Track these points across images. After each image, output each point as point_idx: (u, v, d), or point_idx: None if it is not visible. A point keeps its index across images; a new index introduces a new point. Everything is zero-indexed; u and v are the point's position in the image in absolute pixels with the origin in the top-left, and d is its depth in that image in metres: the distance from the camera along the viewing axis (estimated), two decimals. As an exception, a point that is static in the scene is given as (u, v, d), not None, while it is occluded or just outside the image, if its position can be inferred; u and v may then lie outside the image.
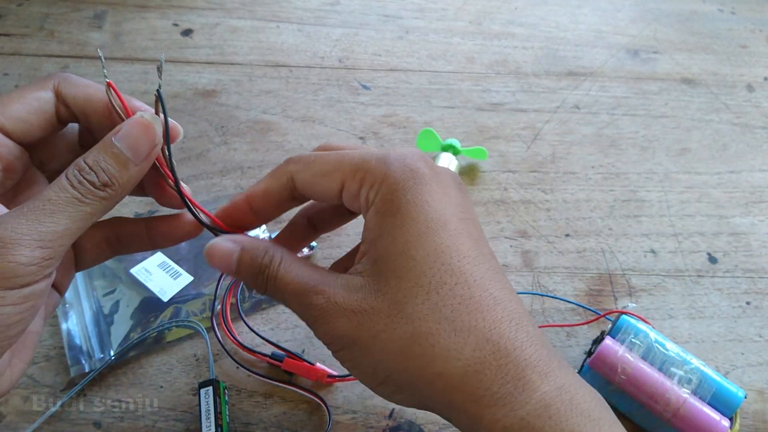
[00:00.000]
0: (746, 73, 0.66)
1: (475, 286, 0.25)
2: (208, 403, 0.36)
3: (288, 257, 0.27)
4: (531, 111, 0.59)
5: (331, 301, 0.25)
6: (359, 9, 0.68)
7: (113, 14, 0.63)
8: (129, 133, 0.25)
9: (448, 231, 0.25)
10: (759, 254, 0.49)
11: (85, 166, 0.25)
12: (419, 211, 0.25)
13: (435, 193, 0.26)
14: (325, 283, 0.26)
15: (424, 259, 0.25)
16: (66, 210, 0.24)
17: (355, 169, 0.27)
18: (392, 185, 0.26)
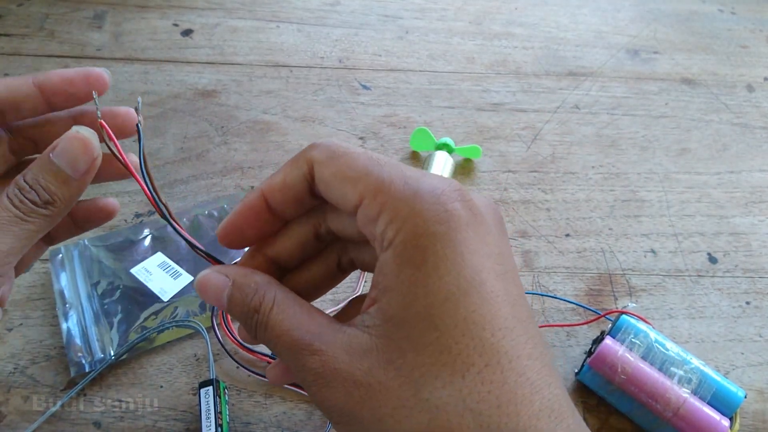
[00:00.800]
0: (746, 73, 0.66)
1: (510, 370, 0.20)
2: (208, 403, 0.36)
3: (283, 300, 0.23)
4: (531, 111, 0.59)
5: (328, 367, 0.21)
6: (359, 9, 0.68)
7: (113, 14, 0.63)
8: (66, 149, 0.24)
9: (483, 294, 0.20)
10: (759, 254, 0.49)
11: (25, 185, 0.24)
12: (450, 267, 0.20)
13: (471, 243, 0.21)
14: (323, 340, 0.22)
15: (450, 330, 0.20)
16: (10, 230, 0.23)
17: (378, 188, 0.21)
18: (420, 227, 0.20)
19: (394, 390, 0.20)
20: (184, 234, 0.26)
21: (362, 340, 0.21)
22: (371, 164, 0.22)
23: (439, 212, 0.21)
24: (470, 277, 0.20)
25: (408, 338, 0.20)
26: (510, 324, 0.20)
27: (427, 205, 0.21)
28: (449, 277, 0.20)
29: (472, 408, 0.19)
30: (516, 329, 0.20)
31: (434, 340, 0.20)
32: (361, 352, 0.21)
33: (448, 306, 0.20)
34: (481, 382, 0.19)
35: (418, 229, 0.21)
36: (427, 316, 0.20)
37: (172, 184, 0.50)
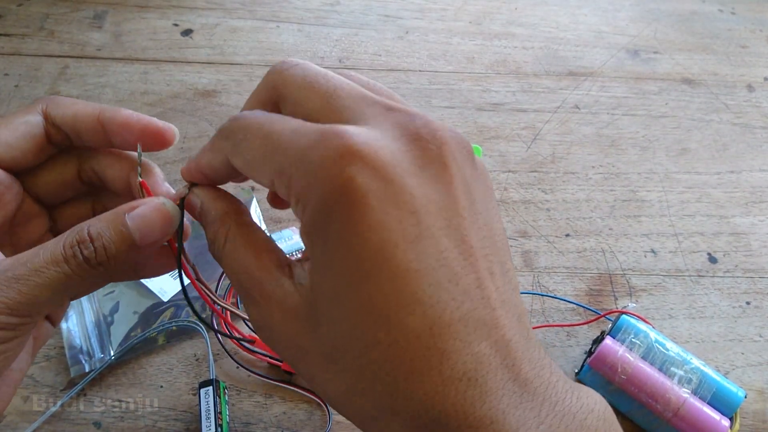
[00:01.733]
0: (746, 73, 0.66)
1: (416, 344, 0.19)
2: (208, 403, 0.36)
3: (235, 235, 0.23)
4: (531, 111, 0.59)
5: (266, 322, 0.22)
6: (359, 9, 0.68)
7: (113, 14, 0.63)
8: (145, 215, 0.24)
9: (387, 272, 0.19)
10: (759, 254, 0.49)
11: (87, 239, 0.23)
12: (350, 248, 0.19)
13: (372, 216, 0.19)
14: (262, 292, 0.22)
15: (355, 310, 0.20)
16: (52, 285, 0.23)
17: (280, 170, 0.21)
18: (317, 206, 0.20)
19: (315, 357, 0.21)
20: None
21: (294, 300, 0.21)
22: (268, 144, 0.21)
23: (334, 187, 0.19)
24: (371, 256, 0.19)
25: (321, 312, 0.21)
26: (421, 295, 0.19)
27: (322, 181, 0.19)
28: (350, 259, 0.19)
29: (382, 379, 0.20)
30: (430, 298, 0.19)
31: (343, 318, 0.20)
32: (291, 314, 0.21)
33: (351, 288, 0.20)
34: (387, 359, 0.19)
35: (317, 207, 0.20)
36: (334, 296, 0.20)
37: (172, 185, 0.49)
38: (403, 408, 0.20)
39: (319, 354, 0.21)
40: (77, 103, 0.26)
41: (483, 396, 0.19)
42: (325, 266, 0.20)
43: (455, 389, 0.19)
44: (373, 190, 0.19)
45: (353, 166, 0.19)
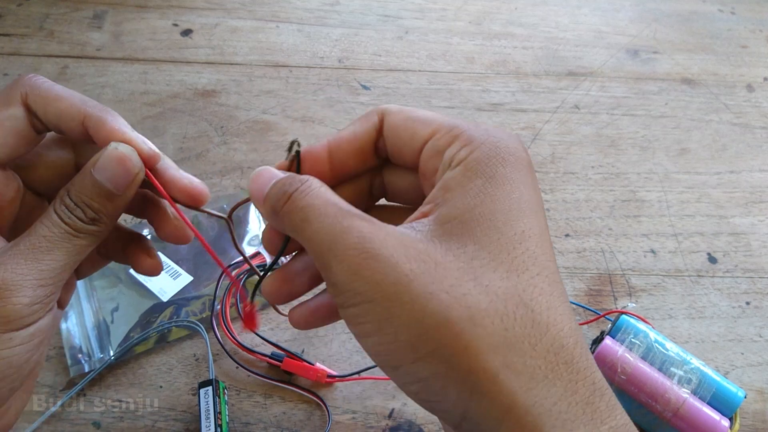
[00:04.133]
0: (746, 73, 0.66)
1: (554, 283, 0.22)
2: (207, 403, 0.36)
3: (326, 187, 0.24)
4: (531, 111, 0.59)
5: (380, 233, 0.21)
6: (359, 9, 0.68)
7: (113, 14, 0.63)
8: (106, 166, 0.25)
9: (538, 219, 0.23)
10: (759, 254, 0.49)
11: (71, 203, 0.24)
12: (515, 188, 0.23)
13: (529, 179, 0.24)
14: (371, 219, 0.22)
15: (511, 236, 0.22)
16: (62, 246, 0.24)
17: (452, 126, 0.24)
18: (492, 151, 0.23)
19: (452, 271, 0.21)
20: None
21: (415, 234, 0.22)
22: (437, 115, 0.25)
23: (510, 147, 0.24)
24: (531, 202, 0.23)
25: (470, 233, 0.22)
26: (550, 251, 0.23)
27: (499, 140, 0.24)
28: (515, 195, 0.23)
29: (526, 303, 0.21)
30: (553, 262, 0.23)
31: (495, 240, 0.22)
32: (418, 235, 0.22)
33: (511, 216, 0.22)
34: (533, 285, 0.21)
35: (490, 151, 0.23)
36: (492, 219, 0.22)
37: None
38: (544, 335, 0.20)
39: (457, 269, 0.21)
40: (61, 98, 0.26)
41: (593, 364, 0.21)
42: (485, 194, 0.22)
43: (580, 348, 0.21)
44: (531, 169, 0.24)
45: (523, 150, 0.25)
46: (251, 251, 0.45)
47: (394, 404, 0.39)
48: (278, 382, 0.39)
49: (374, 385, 0.40)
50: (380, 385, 0.40)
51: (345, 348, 0.41)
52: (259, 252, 0.44)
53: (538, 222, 0.23)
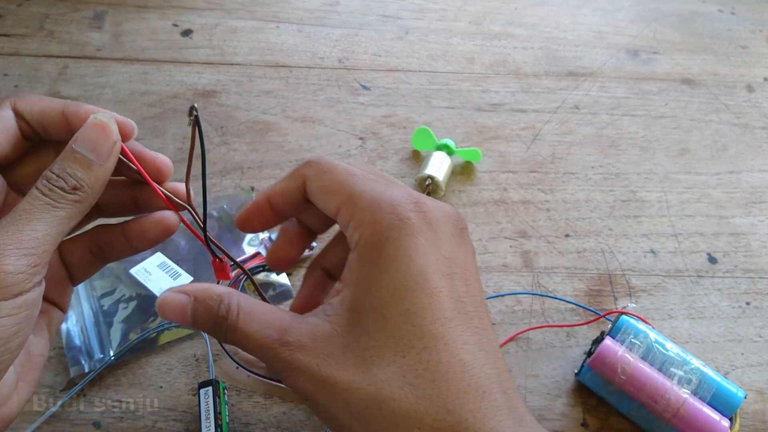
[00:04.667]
0: (746, 73, 0.66)
1: (444, 351, 0.23)
2: (207, 404, 0.36)
3: (246, 305, 0.26)
4: (531, 111, 0.59)
5: (296, 356, 0.25)
6: (359, 9, 0.68)
7: (113, 14, 0.63)
8: (87, 137, 0.25)
9: (426, 290, 0.24)
10: (759, 254, 0.49)
11: (53, 175, 0.25)
12: (398, 266, 0.24)
13: (421, 247, 0.25)
14: (290, 333, 0.25)
15: (395, 318, 0.24)
16: (42, 217, 0.24)
17: (350, 200, 0.26)
18: (376, 233, 0.25)
19: (349, 369, 0.24)
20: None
21: (324, 328, 0.25)
22: (348, 179, 0.27)
23: (394, 220, 0.25)
24: (416, 275, 0.24)
25: (362, 325, 0.24)
26: (449, 314, 0.24)
27: (385, 214, 0.25)
28: (398, 275, 0.24)
29: (410, 382, 0.23)
30: (455, 319, 0.24)
31: (382, 327, 0.24)
32: (324, 338, 0.25)
33: (395, 300, 0.24)
34: (418, 361, 0.23)
35: (374, 234, 0.25)
36: (378, 306, 0.24)
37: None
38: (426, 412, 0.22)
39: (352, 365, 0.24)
40: (43, 99, 0.27)
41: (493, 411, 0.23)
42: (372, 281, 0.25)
43: (472, 398, 0.23)
44: (423, 232, 0.25)
45: (413, 212, 0.25)
46: (251, 251, 0.45)
47: (394, 404, 0.39)
48: (278, 383, 0.39)
49: (374, 386, 0.39)
50: (380, 386, 0.40)
51: (345, 348, 0.41)
52: (259, 252, 0.44)
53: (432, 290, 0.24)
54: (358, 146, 0.54)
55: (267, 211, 0.30)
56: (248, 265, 0.43)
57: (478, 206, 0.51)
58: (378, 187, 0.26)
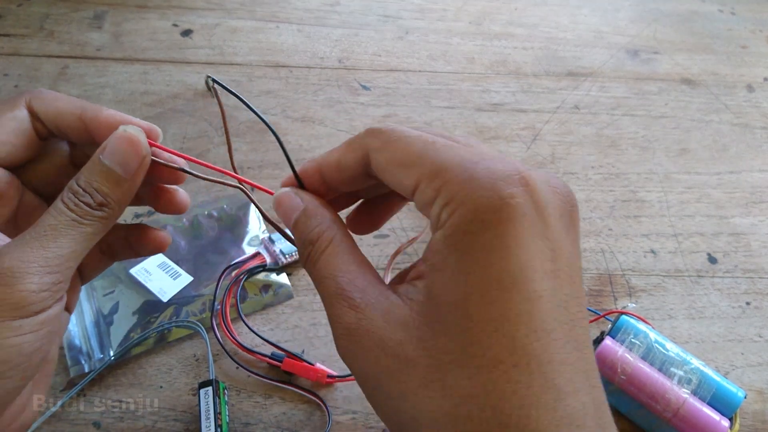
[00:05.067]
0: (746, 73, 0.66)
1: (537, 374, 0.19)
2: (207, 404, 0.36)
3: (340, 243, 0.24)
4: (531, 111, 0.59)
5: (362, 326, 0.21)
6: (359, 9, 0.68)
7: (113, 14, 0.63)
8: (115, 149, 0.25)
9: (524, 292, 0.20)
10: (759, 254, 0.49)
11: (79, 189, 0.24)
12: (494, 259, 0.20)
13: (524, 236, 0.20)
14: (364, 298, 0.22)
15: (484, 324, 0.20)
16: (68, 233, 0.24)
17: (434, 172, 0.22)
18: (470, 214, 0.20)
19: (421, 369, 0.20)
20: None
21: (402, 311, 0.21)
22: (426, 148, 0.23)
23: (493, 199, 0.20)
24: (514, 272, 0.20)
25: (442, 322, 0.20)
26: (549, 326, 0.20)
27: (482, 191, 0.20)
28: (492, 270, 0.20)
29: (493, 405, 0.19)
30: (555, 332, 0.20)
31: (466, 330, 0.20)
32: (397, 322, 0.21)
33: (486, 300, 0.20)
34: (506, 381, 0.19)
35: (469, 214, 0.20)
36: (463, 305, 0.20)
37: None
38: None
39: (423, 366, 0.20)
40: (59, 98, 0.27)
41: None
42: (460, 272, 0.20)
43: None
44: (528, 216, 0.20)
45: (518, 188, 0.20)
46: (251, 251, 0.45)
47: (394, 404, 0.39)
48: (278, 383, 0.39)
49: (374, 386, 0.40)
50: (380, 386, 0.40)
51: (345, 348, 0.41)
52: (258, 252, 0.44)
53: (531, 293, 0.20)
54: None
55: (317, 182, 0.26)
56: (248, 265, 0.43)
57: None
58: (470, 156, 0.22)
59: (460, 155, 0.22)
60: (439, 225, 0.21)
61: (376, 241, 0.47)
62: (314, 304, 0.43)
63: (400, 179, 0.23)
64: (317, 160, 0.26)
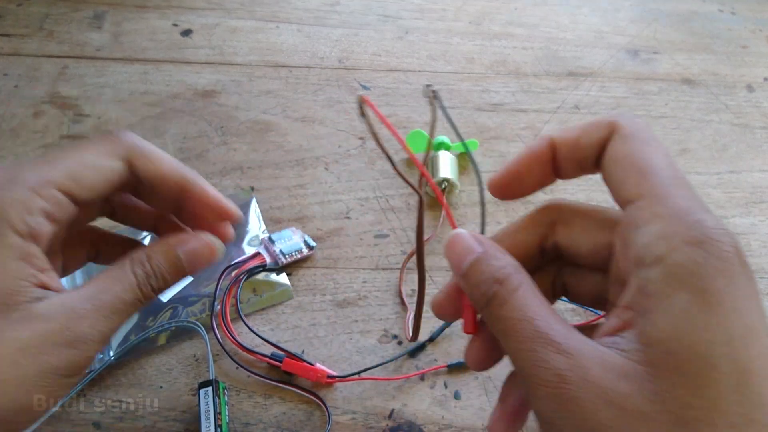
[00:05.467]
0: (746, 73, 0.66)
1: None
2: (207, 404, 0.36)
3: (529, 288, 0.22)
4: (531, 111, 0.59)
5: (578, 374, 0.19)
6: (359, 9, 0.68)
7: (113, 14, 0.63)
8: (195, 252, 0.28)
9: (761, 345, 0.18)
10: (759, 254, 0.49)
11: (150, 271, 0.27)
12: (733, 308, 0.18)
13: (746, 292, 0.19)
14: (570, 345, 0.20)
15: (731, 376, 0.18)
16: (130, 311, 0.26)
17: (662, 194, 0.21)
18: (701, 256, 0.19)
19: (659, 424, 0.18)
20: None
21: (619, 361, 0.19)
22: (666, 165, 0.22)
23: (721, 250, 0.19)
24: (751, 324, 0.18)
25: (680, 372, 0.18)
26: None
27: (711, 240, 0.19)
28: (734, 318, 0.18)
29: None
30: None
31: (712, 383, 0.18)
32: (617, 372, 0.19)
33: (730, 349, 0.18)
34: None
35: (698, 256, 0.19)
36: (707, 354, 0.18)
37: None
38: None
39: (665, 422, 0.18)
40: (163, 160, 0.28)
41: None
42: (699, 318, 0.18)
43: None
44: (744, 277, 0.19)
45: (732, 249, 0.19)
46: (251, 251, 0.45)
47: (395, 405, 0.39)
48: (278, 383, 0.39)
49: (374, 386, 0.40)
50: (380, 386, 0.40)
51: (345, 348, 0.41)
52: (258, 252, 0.44)
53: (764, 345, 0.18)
54: (358, 146, 0.54)
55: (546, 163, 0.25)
56: (248, 265, 0.43)
57: (478, 206, 0.50)
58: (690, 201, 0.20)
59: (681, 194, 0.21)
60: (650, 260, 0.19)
61: (376, 241, 0.47)
62: (314, 304, 0.43)
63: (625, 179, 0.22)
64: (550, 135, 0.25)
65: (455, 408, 0.39)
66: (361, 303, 0.43)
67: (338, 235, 0.47)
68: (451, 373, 0.40)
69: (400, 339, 0.42)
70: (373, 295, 0.44)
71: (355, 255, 0.46)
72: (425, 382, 0.40)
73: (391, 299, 0.44)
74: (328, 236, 0.47)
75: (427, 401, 0.39)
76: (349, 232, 0.47)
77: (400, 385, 0.40)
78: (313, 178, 0.51)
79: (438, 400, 0.39)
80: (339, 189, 0.50)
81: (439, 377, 0.40)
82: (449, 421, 0.38)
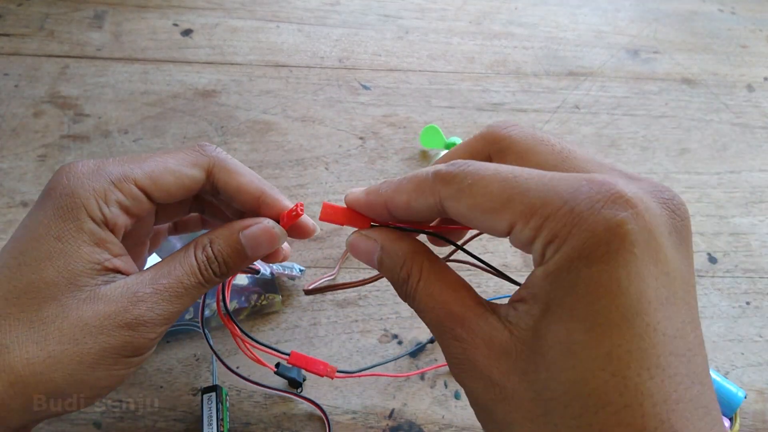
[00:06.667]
0: (746, 73, 0.66)
1: (651, 416, 0.18)
2: (210, 409, 0.36)
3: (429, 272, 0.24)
4: (531, 111, 0.59)
5: (468, 357, 0.22)
6: (359, 9, 0.68)
7: (113, 14, 0.63)
8: (257, 236, 0.28)
9: (636, 327, 0.18)
10: (759, 254, 0.49)
11: (212, 255, 0.27)
12: (602, 294, 0.18)
13: (634, 266, 0.18)
14: (465, 326, 0.22)
15: (590, 362, 0.18)
16: (192, 295, 0.27)
17: (529, 212, 0.20)
18: (576, 249, 0.19)
19: (525, 402, 0.20)
20: None
21: (503, 337, 0.21)
22: (510, 186, 0.21)
23: (602, 232, 0.19)
24: (624, 307, 0.18)
25: (544, 355, 0.19)
26: (664, 361, 0.18)
27: (590, 225, 0.19)
28: (598, 306, 0.19)
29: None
30: (670, 367, 0.18)
31: (570, 368, 0.19)
32: (500, 350, 0.21)
33: (591, 336, 0.18)
34: (616, 423, 0.18)
35: (573, 250, 0.19)
36: (567, 342, 0.19)
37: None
38: None
39: (528, 400, 0.20)
40: (242, 173, 0.29)
41: None
42: (564, 309, 0.19)
43: None
44: (639, 241, 0.19)
45: (625, 212, 0.19)
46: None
47: (395, 404, 0.39)
48: (276, 390, 0.38)
49: (374, 386, 0.40)
50: (380, 386, 0.40)
51: (345, 348, 0.41)
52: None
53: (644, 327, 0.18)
54: (358, 146, 0.54)
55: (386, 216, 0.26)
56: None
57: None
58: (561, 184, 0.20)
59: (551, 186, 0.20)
60: (543, 262, 0.21)
61: (376, 241, 0.47)
62: (314, 304, 0.43)
63: (490, 225, 0.22)
64: (382, 195, 0.25)
65: (455, 408, 0.39)
66: (361, 303, 0.43)
67: (338, 235, 0.47)
68: (451, 373, 0.40)
69: (400, 339, 0.42)
70: (373, 295, 0.44)
71: (355, 255, 0.46)
72: (425, 381, 0.40)
73: (391, 299, 0.44)
74: (328, 236, 0.47)
75: (427, 401, 0.39)
76: (349, 231, 0.47)
77: (400, 384, 0.40)
78: (314, 178, 0.51)
79: (438, 400, 0.39)
80: (339, 189, 0.50)
81: (440, 377, 0.40)
82: (449, 421, 0.38)
